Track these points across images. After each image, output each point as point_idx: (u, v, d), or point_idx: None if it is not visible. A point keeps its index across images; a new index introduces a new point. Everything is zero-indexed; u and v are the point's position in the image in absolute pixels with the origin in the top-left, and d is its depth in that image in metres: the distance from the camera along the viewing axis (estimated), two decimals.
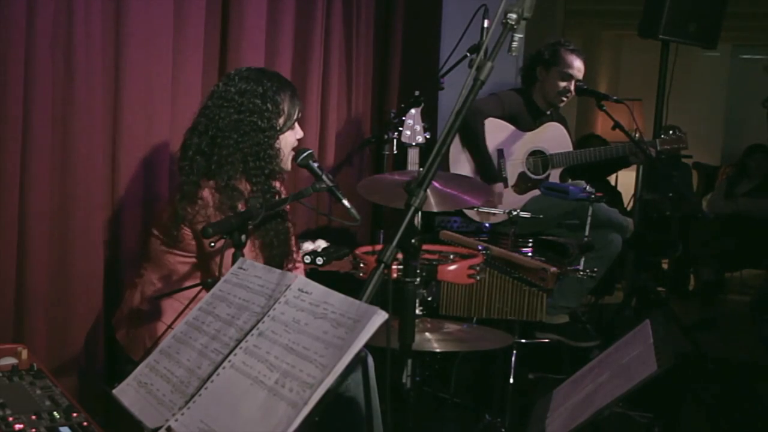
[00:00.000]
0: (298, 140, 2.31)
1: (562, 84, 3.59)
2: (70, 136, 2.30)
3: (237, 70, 2.27)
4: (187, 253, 2.18)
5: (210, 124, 2.15)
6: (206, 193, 2.11)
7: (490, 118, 3.56)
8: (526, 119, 3.64)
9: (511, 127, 3.60)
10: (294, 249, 2.31)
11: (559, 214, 3.50)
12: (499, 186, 3.53)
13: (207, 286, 2.09)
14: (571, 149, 3.68)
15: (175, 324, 2.02)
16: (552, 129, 3.68)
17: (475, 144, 3.52)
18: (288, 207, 2.28)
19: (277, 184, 2.26)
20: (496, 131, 3.58)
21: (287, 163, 2.28)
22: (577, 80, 3.60)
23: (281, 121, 2.21)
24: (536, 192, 3.56)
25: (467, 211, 3.51)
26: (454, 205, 2.78)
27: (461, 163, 3.56)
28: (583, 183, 3.49)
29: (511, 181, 3.61)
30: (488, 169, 3.52)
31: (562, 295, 3.54)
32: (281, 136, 2.22)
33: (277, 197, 2.19)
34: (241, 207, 2.08)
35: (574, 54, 3.60)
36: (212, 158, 2.12)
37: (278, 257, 2.21)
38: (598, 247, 3.32)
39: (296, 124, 2.29)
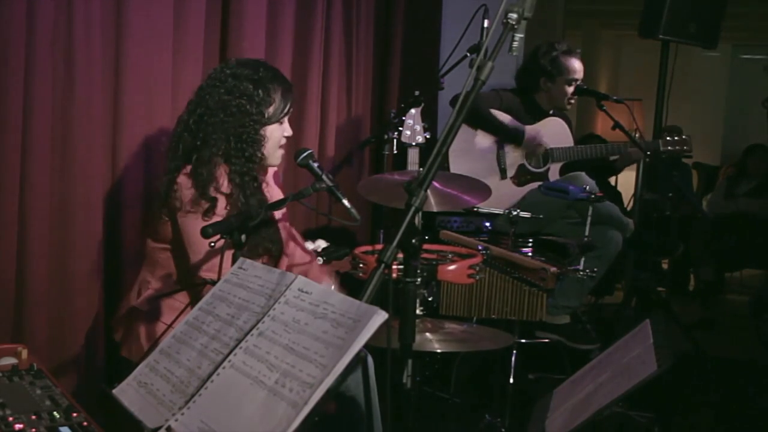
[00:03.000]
0: (287, 137, 2.30)
1: (570, 90, 3.66)
2: (70, 136, 2.30)
3: (238, 58, 2.28)
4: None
5: (200, 103, 2.17)
6: (181, 178, 2.12)
7: (491, 110, 3.58)
8: (524, 117, 3.65)
9: (516, 123, 3.62)
10: (287, 248, 2.31)
11: (559, 208, 3.50)
12: (529, 129, 3.58)
13: (208, 284, 2.10)
14: (571, 144, 3.70)
15: (174, 324, 2.02)
16: (553, 123, 3.70)
17: (485, 120, 3.55)
18: (281, 212, 2.28)
19: (267, 176, 2.26)
20: None
21: (273, 157, 2.28)
22: (581, 81, 3.66)
23: (270, 110, 2.20)
24: (535, 185, 3.58)
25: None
26: (455, 206, 2.78)
27: (466, 155, 3.56)
28: (582, 174, 3.50)
29: (510, 172, 3.61)
30: (506, 129, 3.57)
31: (563, 295, 3.54)
32: (268, 127, 2.22)
33: (256, 184, 2.19)
34: (212, 192, 2.09)
35: (573, 57, 3.65)
36: (198, 135, 2.14)
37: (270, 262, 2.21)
38: (598, 245, 3.32)
39: (285, 121, 2.27)
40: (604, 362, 1.96)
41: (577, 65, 3.63)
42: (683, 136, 3.73)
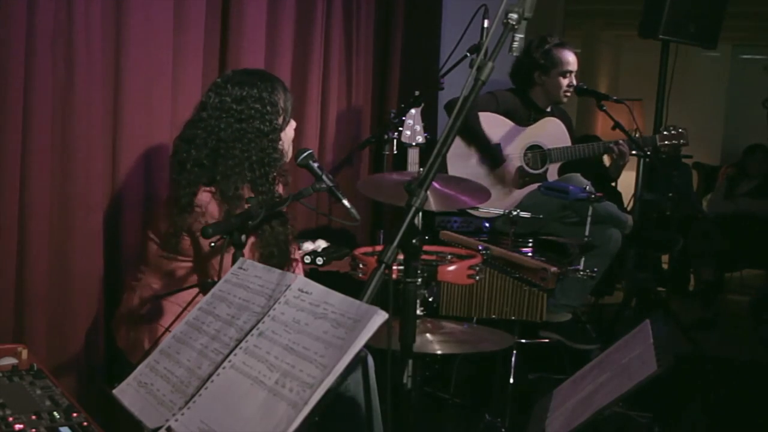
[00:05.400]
0: (294, 130, 2.33)
1: (565, 81, 3.66)
2: (70, 136, 2.30)
3: (224, 76, 2.22)
4: (185, 258, 2.18)
5: (209, 137, 2.11)
6: (203, 197, 2.08)
7: (487, 113, 3.58)
8: (522, 117, 3.66)
9: (509, 122, 3.62)
10: (292, 250, 2.31)
11: (558, 209, 3.50)
12: (509, 166, 3.56)
13: (206, 287, 2.09)
14: (569, 144, 3.70)
15: (174, 326, 2.02)
16: (550, 124, 3.70)
17: (473, 134, 3.55)
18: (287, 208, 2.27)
19: (280, 188, 2.24)
20: (493, 126, 3.60)
21: (288, 155, 2.30)
22: (575, 72, 3.66)
23: (281, 120, 2.21)
24: (534, 186, 3.58)
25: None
26: (453, 206, 2.79)
27: (465, 159, 3.56)
28: (578, 175, 3.51)
29: (509, 175, 3.62)
30: (492, 153, 3.55)
31: (564, 294, 3.54)
32: (282, 134, 2.22)
33: (274, 196, 2.18)
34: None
35: (566, 49, 3.67)
36: (216, 169, 2.09)
37: (278, 266, 2.19)
38: (597, 244, 3.33)
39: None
40: (604, 362, 1.96)
41: (570, 57, 3.64)
42: (679, 129, 3.74)
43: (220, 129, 2.11)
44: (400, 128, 3.06)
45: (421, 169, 1.51)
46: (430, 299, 2.78)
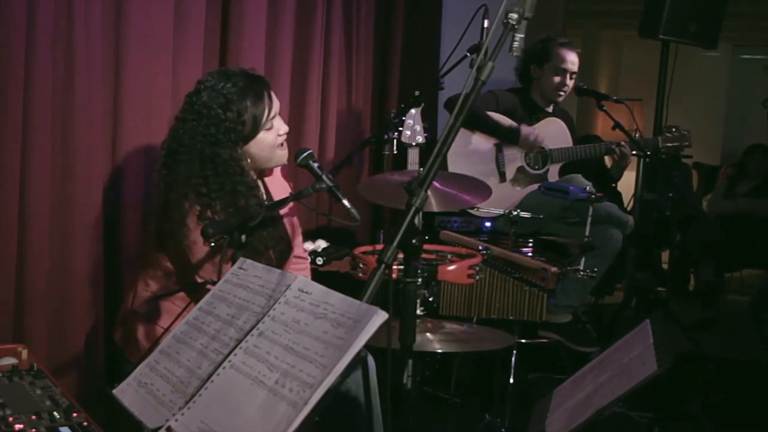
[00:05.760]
0: (286, 134, 2.25)
1: (557, 79, 3.63)
2: (70, 136, 2.30)
3: (204, 75, 2.18)
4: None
5: (176, 138, 2.10)
6: (190, 220, 2.06)
7: (489, 112, 3.58)
8: (522, 116, 3.65)
9: (511, 122, 3.61)
10: (295, 245, 2.31)
11: (559, 210, 3.50)
12: (525, 127, 3.55)
13: (193, 287, 2.09)
14: (571, 144, 3.69)
15: (173, 326, 2.02)
16: (552, 124, 3.70)
17: (481, 122, 3.54)
18: (289, 207, 2.27)
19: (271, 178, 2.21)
20: None
21: (274, 160, 2.24)
22: (573, 73, 3.64)
23: (247, 128, 2.12)
24: (535, 186, 3.57)
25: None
26: (454, 205, 2.78)
27: (466, 158, 3.56)
28: (579, 176, 3.51)
29: (510, 175, 3.61)
30: (502, 129, 3.56)
31: (564, 294, 3.54)
32: (253, 141, 2.15)
33: (246, 199, 2.10)
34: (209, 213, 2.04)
35: (566, 47, 3.64)
36: (173, 173, 2.07)
37: (277, 263, 2.19)
38: (598, 244, 3.33)
39: (274, 122, 2.19)
40: (604, 362, 1.96)
41: (568, 56, 3.62)
42: (683, 131, 3.73)
43: (184, 131, 2.08)
44: (400, 128, 3.06)
45: (421, 169, 1.51)
46: (430, 299, 2.78)
